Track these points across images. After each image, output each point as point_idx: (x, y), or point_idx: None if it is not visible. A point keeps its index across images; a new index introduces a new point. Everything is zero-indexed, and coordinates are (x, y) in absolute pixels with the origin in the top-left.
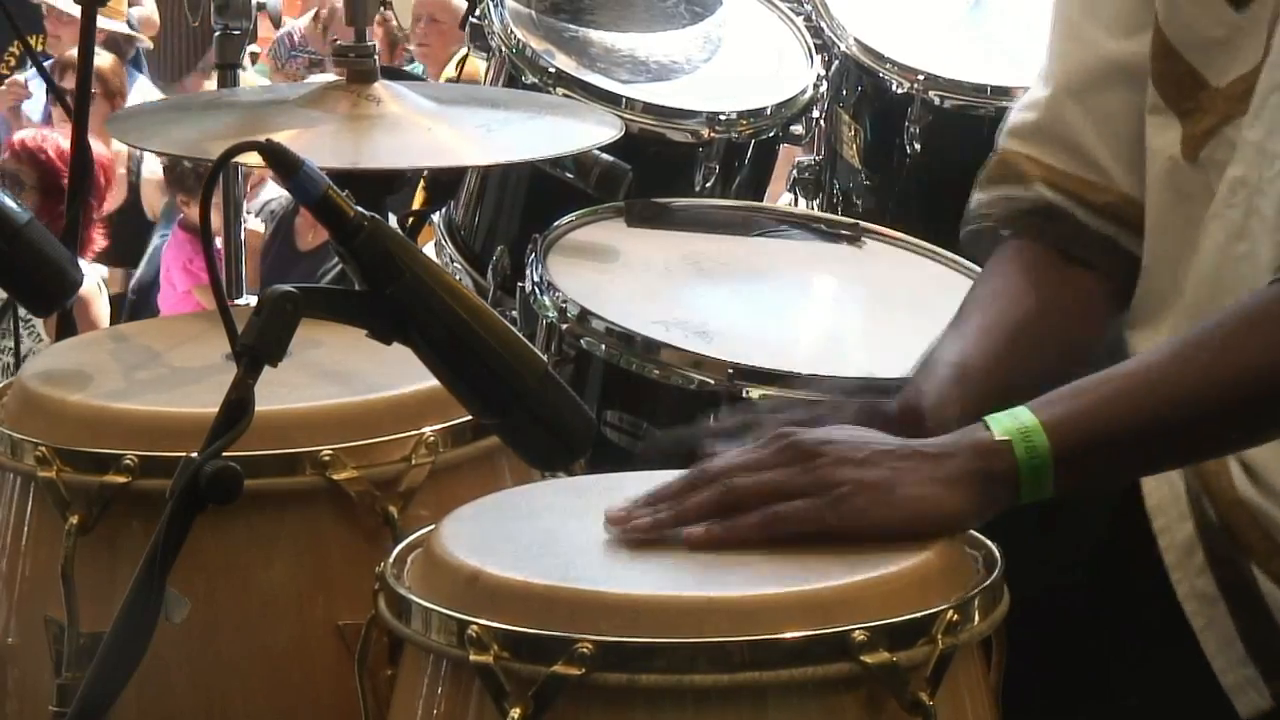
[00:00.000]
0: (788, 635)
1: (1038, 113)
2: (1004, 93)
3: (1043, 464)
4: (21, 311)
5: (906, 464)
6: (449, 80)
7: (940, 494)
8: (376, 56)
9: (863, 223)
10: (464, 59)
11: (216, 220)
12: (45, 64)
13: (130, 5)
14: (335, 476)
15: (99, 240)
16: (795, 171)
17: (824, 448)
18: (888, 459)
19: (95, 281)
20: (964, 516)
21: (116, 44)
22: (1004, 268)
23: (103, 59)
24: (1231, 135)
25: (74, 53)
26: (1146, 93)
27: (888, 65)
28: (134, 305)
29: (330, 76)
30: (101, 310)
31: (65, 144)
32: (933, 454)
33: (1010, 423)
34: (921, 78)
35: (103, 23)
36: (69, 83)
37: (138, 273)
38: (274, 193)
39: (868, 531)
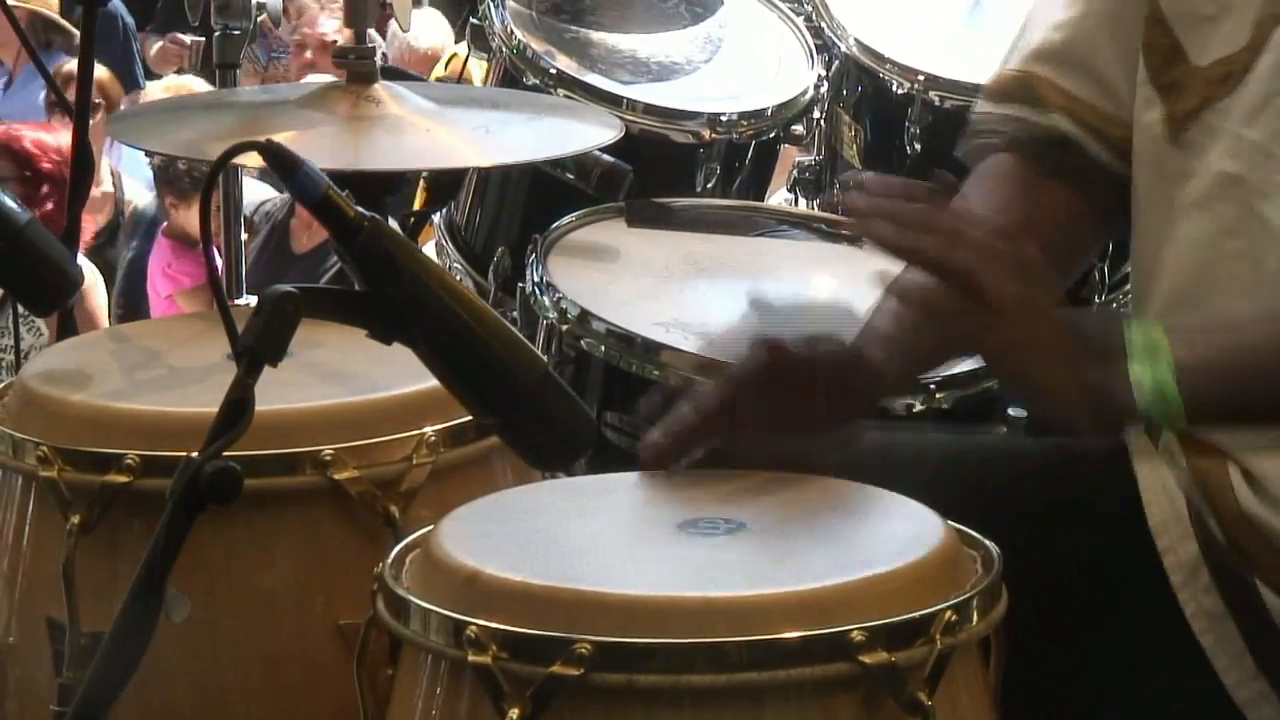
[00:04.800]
0: (786, 635)
1: (1064, 34)
2: None
3: (1176, 414)
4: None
5: (1071, 352)
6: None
7: (1071, 398)
8: (376, 58)
9: None
10: (451, 59)
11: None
12: None
13: None
14: (336, 476)
15: (87, 229)
16: (795, 171)
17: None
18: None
19: (91, 273)
20: (1073, 427)
21: (35, 30)
22: (983, 182)
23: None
24: (1212, 120)
25: None
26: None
27: (888, 66)
28: (120, 319)
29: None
30: (99, 301)
31: (41, 135)
32: (1094, 357)
33: (1149, 382)
34: (922, 78)
35: None
36: None
37: (116, 286)
38: (268, 194)
39: (1010, 359)
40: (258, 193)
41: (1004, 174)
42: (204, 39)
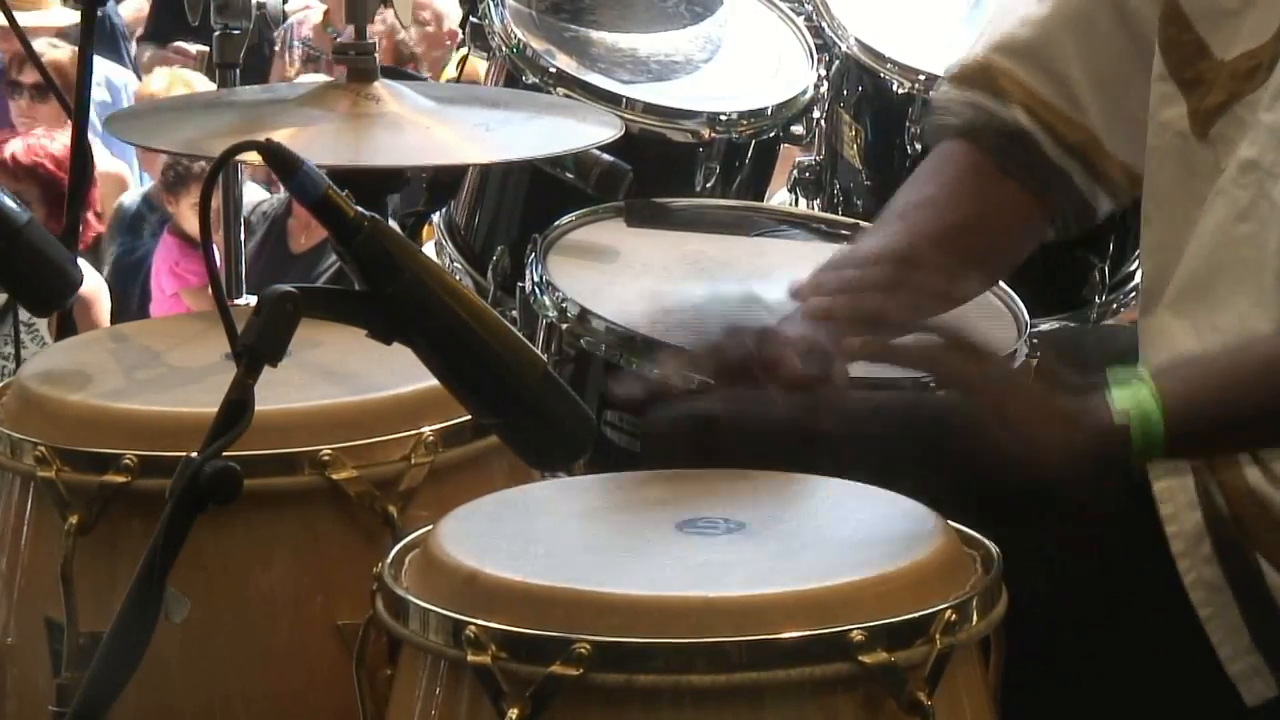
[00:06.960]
0: (785, 635)
1: (1030, 31)
2: None
3: (1155, 444)
4: (24, 315)
5: (1046, 415)
6: (451, 80)
7: (1055, 465)
8: (377, 55)
9: (863, 223)
10: (464, 59)
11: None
12: None
13: None
14: (335, 476)
15: (96, 225)
16: (795, 171)
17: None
18: (1039, 398)
19: (96, 279)
20: (1066, 491)
21: None
22: (942, 171)
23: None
24: (1243, 114)
25: None
26: (1153, 58)
27: (889, 65)
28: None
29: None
30: (103, 309)
31: (59, 148)
32: (1067, 416)
33: (1131, 403)
34: (922, 78)
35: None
36: None
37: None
38: (265, 193)
39: (988, 443)
40: (255, 194)
41: (960, 167)
42: (209, 48)
